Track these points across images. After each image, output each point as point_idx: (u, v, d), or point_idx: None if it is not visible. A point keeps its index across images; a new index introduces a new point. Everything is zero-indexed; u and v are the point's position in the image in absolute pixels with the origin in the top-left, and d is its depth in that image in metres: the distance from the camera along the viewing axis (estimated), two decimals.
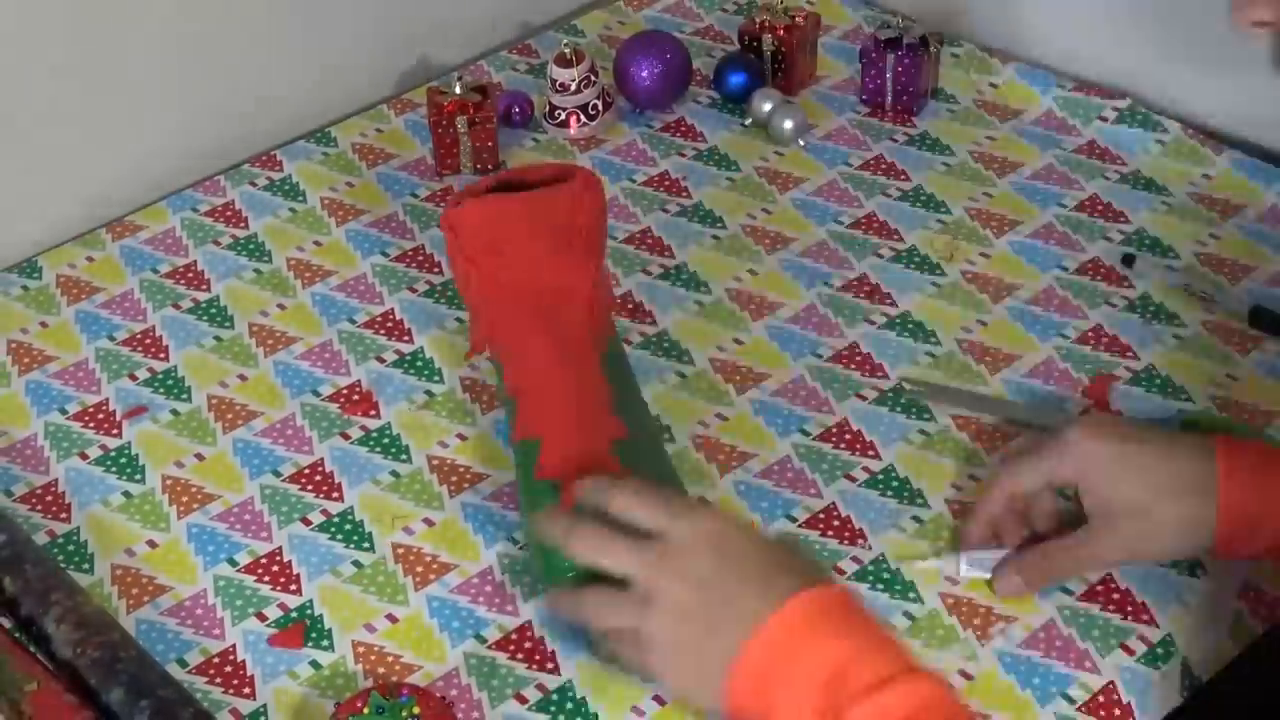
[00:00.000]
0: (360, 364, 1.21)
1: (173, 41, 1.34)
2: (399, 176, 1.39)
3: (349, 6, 1.45)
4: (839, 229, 1.32)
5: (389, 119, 1.46)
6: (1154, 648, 0.99)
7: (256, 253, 1.31)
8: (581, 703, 0.97)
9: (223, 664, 1.00)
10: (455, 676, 0.99)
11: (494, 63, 1.52)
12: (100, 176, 1.34)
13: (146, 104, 1.35)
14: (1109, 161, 1.37)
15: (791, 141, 1.41)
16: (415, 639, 1.01)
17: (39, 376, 1.20)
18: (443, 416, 1.16)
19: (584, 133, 1.42)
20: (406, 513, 1.09)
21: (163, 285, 1.28)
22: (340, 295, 1.27)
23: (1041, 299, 1.24)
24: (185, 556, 1.07)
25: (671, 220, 1.33)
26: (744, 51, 1.46)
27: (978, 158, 1.39)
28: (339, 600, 1.04)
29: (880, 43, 1.42)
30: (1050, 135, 1.41)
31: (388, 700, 0.94)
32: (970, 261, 1.28)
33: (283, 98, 1.43)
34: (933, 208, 1.34)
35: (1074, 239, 1.30)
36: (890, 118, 1.43)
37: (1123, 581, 1.03)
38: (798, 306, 1.25)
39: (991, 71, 1.48)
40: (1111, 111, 1.42)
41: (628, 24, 1.57)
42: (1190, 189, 1.34)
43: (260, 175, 1.39)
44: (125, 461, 1.13)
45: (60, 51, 1.27)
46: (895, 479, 1.10)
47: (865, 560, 1.05)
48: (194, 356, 1.22)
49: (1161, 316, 1.22)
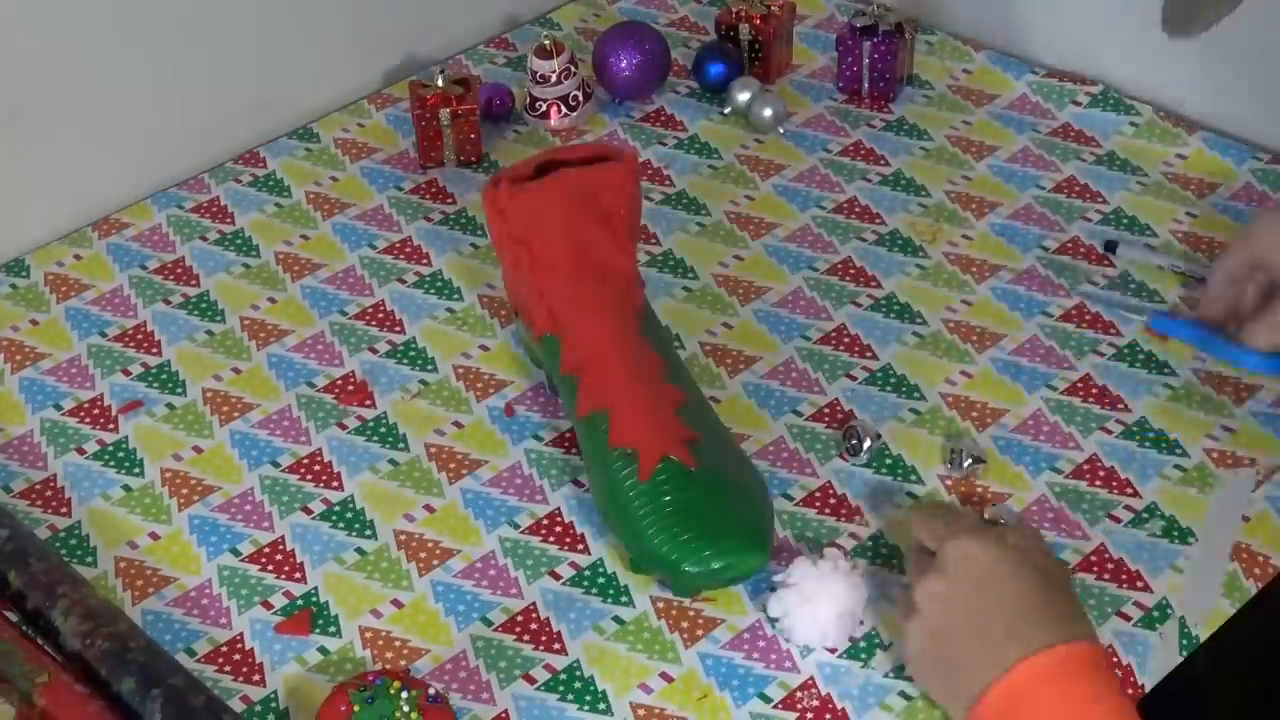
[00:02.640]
0: (354, 355, 1.21)
1: (156, 41, 1.34)
2: (382, 170, 1.40)
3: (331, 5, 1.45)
4: (822, 214, 1.33)
5: (370, 114, 1.47)
6: (1150, 612, 1.01)
7: (244, 248, 1.32)
8: (589, 681, 0.99)
9: (231, 652, 1.01)
10: (463, 659, 1.00)
11: (473, 56, 1.53)
12: (85, 175, 1.34)
13: (130, 103, 1.35)
14: (1084, 144, 1.40)
15: (771, 129, 1.42)
16: (421, 623, 1.02)
17: (32, 374, 1.21)
18: (438, 405, 1.17)
19: (565, 124, 1.43)
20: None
21: (152, 281, 1.29)
22: (330, 288, 1.28)
23: (1024, 278, 1.26)
24: (188, 548, 1.07)
25: (656, 208, 1.35)
26: (722, 41, 1.47)
27: (955, 142, 1.41)
28: (344, 587, 1.05)
29: (856, 30, 1.43)
30: (1025, 119, 1.43)
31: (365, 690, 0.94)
32: (952, 243, 1.30)
33: (264, 96, 1.44)
34: (913, 191, 1.35)
35: (1053, 219, 1.32)
36: (867, 104, 1.45)
37: (1115, 552, 1.05)
38: (784, 290, 1.26)
39: (965, 58, 1.50)
40: (1084, 96, 1.44)
41: (603, 16, 1.58)
42: (1165, 169, 1.36)
43: (244, 172, 1.40)
44: (123, 456, 1.14)
45: (42, 52, 1.28)
46: (889, 457, 1.12)
47: (862, 536, 1.07)
48: (186, 351, 1.22)
49: (1143, 294, 1.24)
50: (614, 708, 0.97)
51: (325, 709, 0.93)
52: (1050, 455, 1.12)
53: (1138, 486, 1.09)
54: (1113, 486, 1.09)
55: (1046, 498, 1.09)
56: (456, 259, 1.30)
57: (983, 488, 1.09)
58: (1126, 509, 1.08)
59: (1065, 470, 1.11)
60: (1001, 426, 1.14)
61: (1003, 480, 1.10)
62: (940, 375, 1.18)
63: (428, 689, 0.94)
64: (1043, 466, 1.11)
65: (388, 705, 0.92)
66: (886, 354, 1.20)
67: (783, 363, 1.20)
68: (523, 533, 1.08)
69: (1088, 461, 1.11)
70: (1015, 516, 1.06)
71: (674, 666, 0.99)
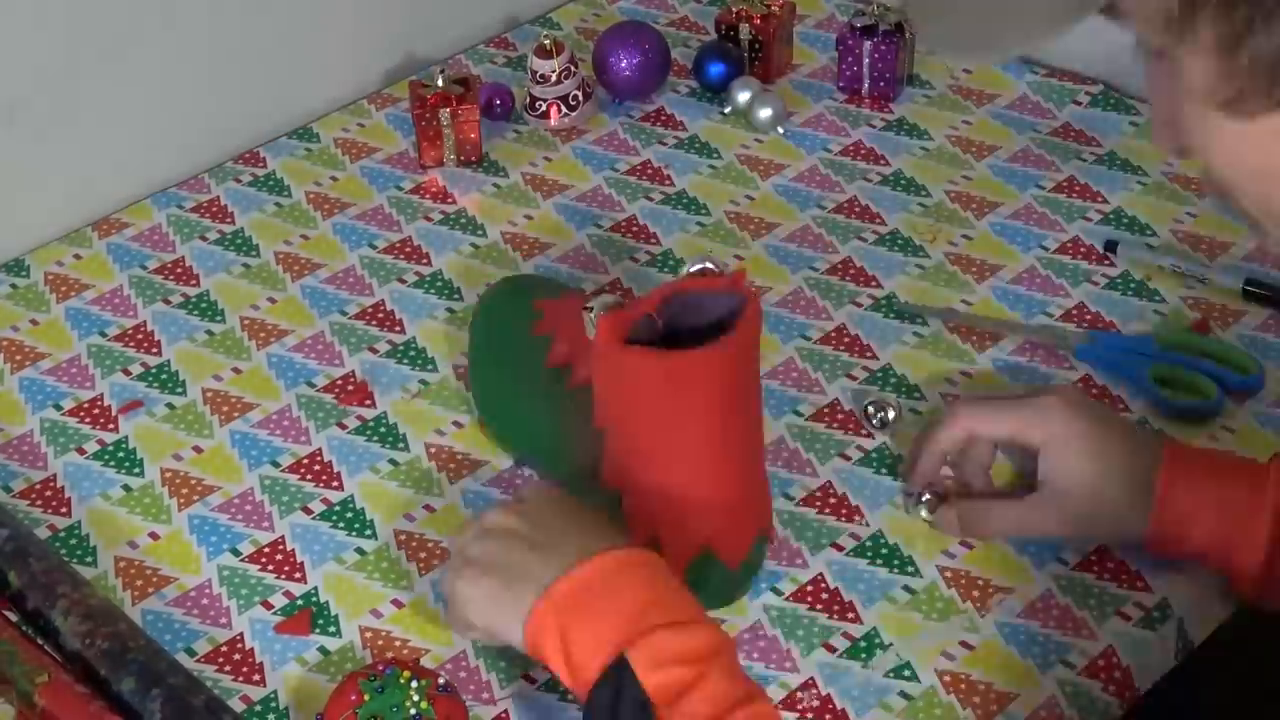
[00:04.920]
0: (354, 355, 1.21)
1: (156, 40, 1.34)
2: (382, 170, 1.40)
3: (331, 5, 1.45)
4: (822, 214, 1.33)
5: (370, 114, 1.47)
6: (1150, 613, 1.01)
7: (244, 247, 1.32)
8: None
9: (231, 652, 1.01)
10: (463, 659, 1.00)
11: (473, 56, 1.53)
12: (85, 175, 1.34)
13: (130, 103, 1.35)
14: (1084, 144, 1.40)
15: (771, 129, 1.42)
16: (421, 623, 1.02)
17: (32, 373, 1.21)
18: (438, 405, 1.17)
19: (565, 123, 1.43)
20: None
21: (152, 281, 1.29)
22: (330, 288, 1.28)
23: (1024, 278, 1.26)
24: (188, 547, 1.07)
25: (656, 208, 1.35)
26: (722, 41, 1.47)
27: (955, 141, 1.41)
28: (344, 587, 1.05)
29: (856, 30, 1.43)
30: (1025, 119, 1.43)
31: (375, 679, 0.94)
32: (952, 243, 1.30)
33: (264, 96, 1.44)
34: (913, 191, 1.35)
35: (1053, 219, 1.32)
36: (867, 104, 1.45)
37: (1115, 553, 1.05)
38: (784, 290, 1.26)
39: None
40: (1085, 96, 1.44)
41: (603, 16, 1.58)
42: (1165, 169, 1.36)
43: (244, 172, 1.40)
44: (123, 456, 1.14)
45: (42, 51, 1.28)
46: (890, 456, 1.12)
47: (862, 536, 1.07)
48: (186, 351, 1.22)
49: (1143, 294, 1.24)
50: None
51: (335, 698, 0.93)
52: None
53: None
54: None
55: None
56: (456, 259, 1.30)
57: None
58: None
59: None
60: None
61: (1003, 480, 1.10)
62: (940, 375, 1.18)
63: (438, 678, 0.94)
64: None
65: (398, 694, 0.92)
66: (886, 354, 1.20)
67: (783, 362, 1.20)
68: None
69: None
70: None
71: None
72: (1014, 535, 1.05)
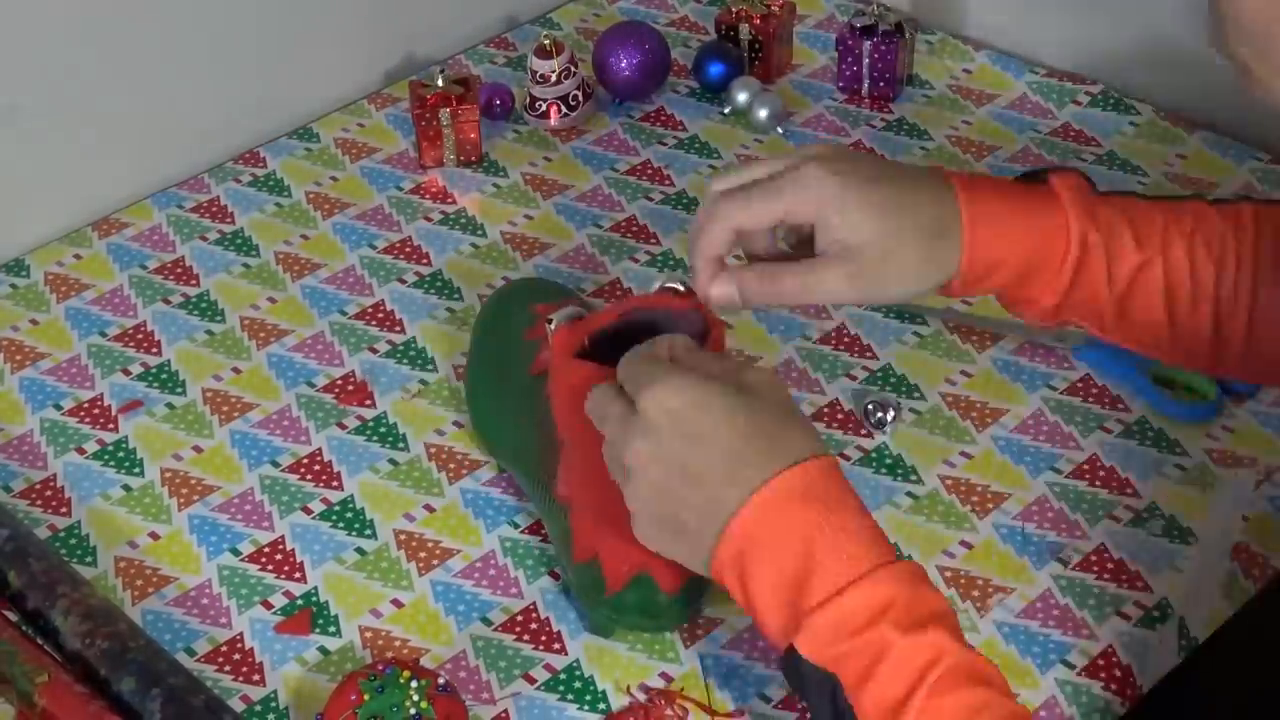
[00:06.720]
0: (353, 355, 1.21)
1: (156, 40, 1.34)
2: (382, 170, 1.40)
3: (331, 5, 1.45)
4: None
5: (370, 114, 1.47)
6: (1150, 611, 1.01)
7: (244, 247, 1.32)
8: (589, 681, 0.99)
9: (231, 652, 1.01)
10: (463, 659, 1.00)
11: (473, 56, 1.53)
12: (85, 175, 1.34)
13: (130, 103, 1.35)
14: (1085, 144, 1.40)
15: (771, 129, 1.42)
16: (421, 623, 1.02)
17: (32, 373, 1.21)
18: (438, 404, 1.17)
19: (565, 123, 1.43)
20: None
21: (152, 281, 1.29)
22: (330, 288, 1.28)
23: None
24: (188, 547, 1.07)
25: (655, 208, 1.35)
26: (722, 41, 1.47)
27: (955, 142, 1.41)
28: (344, 587, 1.05)
29: (856, 30, 1.44)
30: (1025, 119, 1.43)
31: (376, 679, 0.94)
32: None
33: (264, 96, 1.44)
34: None
35: None
36: (867, 104, 1.45)
37: (1115, 553, 1.05)
38: None
39: (965, 58, 1.50)
40: (1085, 96, 1.44)
41: (603, 16, 1.58)
42: (1165, 169, 1.36)
43: (244, 172, 1.40)
44: (123, 455, 1.14)
45: (41, 51, 1.28)
46: (889, 457, 1.12)
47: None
48: (186, 351, 1.22)
49: None
50: (614, 707, 0.97)
51: (335, 698, 0.93)
52: (1050, 455, 1.12)
53: (1137, 486, 1.09)
54: (1113, 486, 1.09)
55: (1047, 498, 1.09)
56: (456, 259, 1.30)
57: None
58: (1126, 509, 1.08)
59: (1065, 470, 1.11)
60: (1001, 426, 1.14)
61: (1003, 480, 1.10)
62: (940, 375, 1.18)
63: (438, 678, 0.94)
64: (1043, 466, 1.11)
65: (398, 694, 0.92)
66: (886, 354, 1.20)
67: (783, 362, 1.20)
68: (523, 532, 1.08)
69: (1087, 461, 1.11)
70: None
71: (674, 666, 0.99)
72: (798, 303, 1.01)
